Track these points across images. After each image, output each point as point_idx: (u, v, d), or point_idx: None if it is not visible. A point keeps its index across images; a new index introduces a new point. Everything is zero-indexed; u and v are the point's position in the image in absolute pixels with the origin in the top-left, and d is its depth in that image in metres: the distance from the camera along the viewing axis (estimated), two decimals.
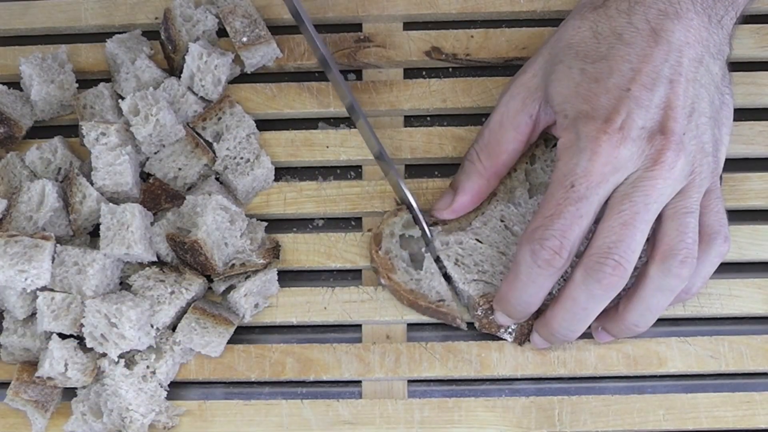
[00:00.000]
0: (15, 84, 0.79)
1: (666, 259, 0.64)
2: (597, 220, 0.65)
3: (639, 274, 0.67)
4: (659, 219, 0.65)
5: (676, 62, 0.64)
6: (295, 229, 0.77)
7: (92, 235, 0.75)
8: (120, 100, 0.74)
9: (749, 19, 0.79)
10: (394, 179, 0.74)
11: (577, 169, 0.63)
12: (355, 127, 0.78)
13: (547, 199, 0.64)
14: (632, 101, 0.63)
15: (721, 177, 0.70)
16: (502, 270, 0.72)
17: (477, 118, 0.78)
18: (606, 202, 0.65)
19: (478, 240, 0.73)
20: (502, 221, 0.73)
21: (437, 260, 0.73)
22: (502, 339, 0.72)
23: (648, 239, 0.65)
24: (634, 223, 0.63)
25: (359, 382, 0.73)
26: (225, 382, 0.74)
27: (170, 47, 0.78)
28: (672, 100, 0.64)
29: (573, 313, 0.66)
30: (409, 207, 0.73)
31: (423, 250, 0.74)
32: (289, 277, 0.75)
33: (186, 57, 0.76)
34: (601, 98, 0.64)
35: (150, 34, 0.80)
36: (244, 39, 0.77)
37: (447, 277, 0.73)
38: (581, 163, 0.63)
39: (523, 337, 0.71)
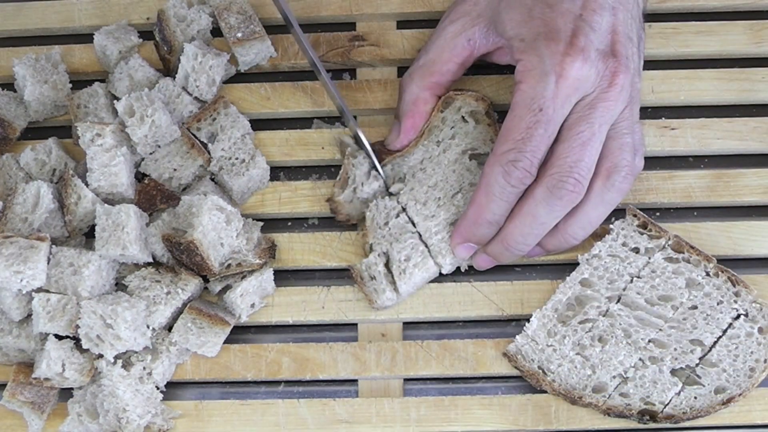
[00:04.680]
0: (9, 85, 0.79)
1: (611, 175, 0.69)
2: None
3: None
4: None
5: None
6: (290, 226, 0.77)
7: (88, 236, 0.75)
8: (115, 101, 0.74)
9: (742, 15, 0.79)
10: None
11: (545, 92, 0.67)
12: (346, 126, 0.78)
13: (515, 122, 0.68)
14: (587, 25, 0.68)
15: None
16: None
17: None
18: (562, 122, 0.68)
19: (422, 169, 0.75)
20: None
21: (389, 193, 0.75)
22: (489, 338, 0.73)
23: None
24: (592, 143, 0.68)
25: (355, 380, 0.73)
26: (221, 382, 0.74)
27: (165, 48, 0.78)
28: (616, 26, 0.69)
29: (531, 228, 0.70)
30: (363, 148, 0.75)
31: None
32: (284, 277, 0.75)
33: (181, 57, 0.76)
34: (558, 21, 0.68)
35: (143, 35, 0.80)
36: (239, 34, 0.77)
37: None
38: (549, 87, 0.67)
39: None
